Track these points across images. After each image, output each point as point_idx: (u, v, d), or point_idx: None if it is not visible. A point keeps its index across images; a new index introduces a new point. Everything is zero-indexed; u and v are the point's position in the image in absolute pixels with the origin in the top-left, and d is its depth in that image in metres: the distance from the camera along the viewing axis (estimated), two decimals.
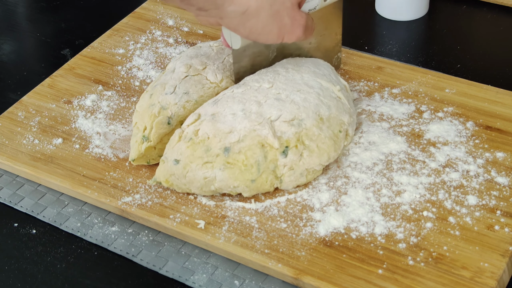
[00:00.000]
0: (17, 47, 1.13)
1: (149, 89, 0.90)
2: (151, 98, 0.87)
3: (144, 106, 0.87)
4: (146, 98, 0.88)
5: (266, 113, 0.82)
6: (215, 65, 0.89)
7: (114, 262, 0.80)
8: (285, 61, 0.90)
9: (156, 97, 0.87)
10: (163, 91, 0.87)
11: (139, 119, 0.86)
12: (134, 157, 0.85)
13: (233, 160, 0.80)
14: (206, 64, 0.89)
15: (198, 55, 0.90)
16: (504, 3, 1.12)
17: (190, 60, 0.90)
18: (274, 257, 0.76)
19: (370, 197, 0.81)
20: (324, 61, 0.93)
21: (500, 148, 0.86)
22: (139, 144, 0.85)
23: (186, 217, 0.81)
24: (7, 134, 0.93)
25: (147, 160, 0.86)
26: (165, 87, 0.87)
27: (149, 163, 0.86)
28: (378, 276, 0.73)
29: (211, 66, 0.89)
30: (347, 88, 0.90)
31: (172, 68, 0.90)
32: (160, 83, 0.88)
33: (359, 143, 0.88)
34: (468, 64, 1.03)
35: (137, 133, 0.86)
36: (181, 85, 0.87)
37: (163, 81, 0.88)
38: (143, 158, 0.86)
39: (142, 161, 0.86)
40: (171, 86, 0.87)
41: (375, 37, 1.10)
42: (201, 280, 0.77)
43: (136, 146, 0.85)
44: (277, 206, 0.81)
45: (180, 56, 0.92)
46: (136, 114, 0.87)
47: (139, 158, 0.85)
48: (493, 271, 0.73)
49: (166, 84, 0.88)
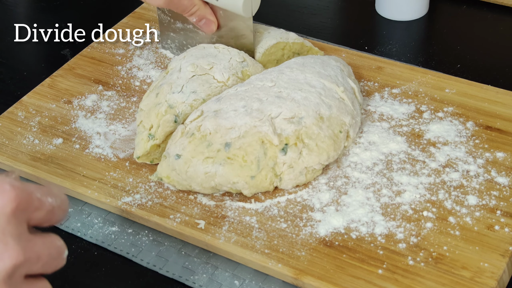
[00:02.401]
0: (17, 47, 1.13)
1: (152, 88, 0.90)
2: (157, 97, 0.87)
3: (149, 105, 0.87)
4: (152, 97, 0.88)
5: (266, 110, 0.83)
6: (222, 64, 0.90)
7: (114, 262, 0.80)
8: (293, 61, 0.91)
9: (162, 96, 0.87)
10: (170, 90, 0.87)
11: (145, 117, 0.87)
12: (139, 154, 0.85)
13: (233, 156, 0.80)
14: (213, 64, 0.90)
15: (204, 55, 0.91)
16: (504, 3, 1.12)
17: (196, 60, 0.90)
18: (274, 257, 0.76)
19: (370, 197, 0.81)
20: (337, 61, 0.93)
21: (500, 148, 0.86)
22: (145, 142, 0.85)
23: (186, 217, 0.81)
24: (7, 134, 0.93)
25: (151, 159, 0.86)
26: (172, 86, 0.88)
27: (152, 162, 0.87)
28: (378, 276, 0.73)
29: (218, 65, 0.90)
30: (355, 91, 0.90)
31: (178, 68, 0.90)
32: (167, 83, 0.89)
33: (359, 143, 0.88)
34: (468, 64, 1.03)
35: (143, 131, 0.86)
36: (188, 85, 0.88)
37: (169, 80, 0.89)
38: (148, 156, 0.86)
39: (146, 159, 0.86)
40: (178, 85, 0.88)
41: (375, 37, 1.10)
42: (201, 280, 0.77)
43: (142, 144, 0.85)
44: (277, 206, 0.81)
45: (184, 55, 0.92)
46: (141, 113, 0.88)
47: (143, 156, 0.86)
48: (493, 271, 0.73)
49: (173, 83, 0.88)
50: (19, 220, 0.52)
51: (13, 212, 0.51)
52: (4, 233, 0.51)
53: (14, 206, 0.51)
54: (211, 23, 0.94)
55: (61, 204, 0.56)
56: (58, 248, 0.55)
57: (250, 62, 0.92)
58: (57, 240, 0.55)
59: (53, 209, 0.55)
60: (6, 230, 0.51)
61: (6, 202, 0.51)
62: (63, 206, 0.56)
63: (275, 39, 0.95)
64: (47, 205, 0.54)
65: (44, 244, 0.54)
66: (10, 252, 0.51)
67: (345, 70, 0.92)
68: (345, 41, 1.07)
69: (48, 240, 0.54)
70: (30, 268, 0.53)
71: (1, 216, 0.51)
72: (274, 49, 0.95)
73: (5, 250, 0.51)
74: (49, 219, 0.55)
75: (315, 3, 1.17)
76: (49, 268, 0.55)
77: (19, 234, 0.52)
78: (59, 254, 0.55)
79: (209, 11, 0.94)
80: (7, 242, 0.51)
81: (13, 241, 0.51)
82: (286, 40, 0.96)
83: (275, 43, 0.95)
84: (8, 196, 0.51)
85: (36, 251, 0.53)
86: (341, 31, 1.13)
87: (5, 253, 0.51)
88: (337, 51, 1.01)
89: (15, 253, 0.51)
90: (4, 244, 0.51)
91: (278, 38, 0.95)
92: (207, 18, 0.94)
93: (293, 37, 0.96)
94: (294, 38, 0.96)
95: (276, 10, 1.16)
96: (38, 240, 0.53)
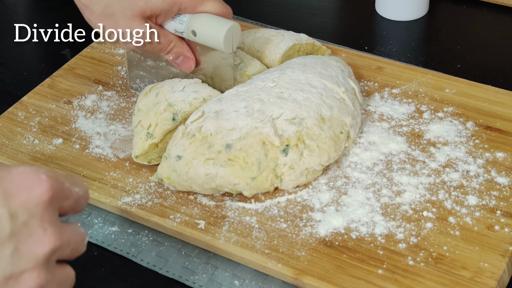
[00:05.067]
0: (17, 47, 1.13)
1: (150, 88, 0.90)
2: (157, 97, 0.87)
3: (149, 105, 0.87)
4: (151, 97, 0.88)
5: (268, 111, 0.83)
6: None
7: (114, 262, 0.80)
8: (294, 61, 0.91)
9: (163, 96, 0.87)
10: (171, 90, 0.87)
11: (143, 117, 0.87)
12: (137, 153, 0.85)
13: (234, 157, 0.80)
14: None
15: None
16: (504, 3, 1.12)
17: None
18: (274, 257, 0.76)
19: (370, 197, 0.81)
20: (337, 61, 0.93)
21: (500, 148, 0.86)
22: (143, 141, 0.85)
23: (186, 217, 0.81)
24: (7, 134, 0.93)
25: (149, 159, 0.86)
26: (174, 87, 0.88)
27: (149, 163, 0.86)
28: (378, 276, 0.73)
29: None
30: (355, 92, 0.90)
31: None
32: (168, 83, 0.89)
33: (359, 143, 0.88)
34: (468, 64, 1.03)
35: (141, 130, 0.86)
36: (191, 85, 0.88)
37: (172, 82, 0.89)
38: (146, 156, 0.86)
39: (144, 160, 0.86)
40: (180, 86, 0.88)
41: (375, 37, 1.10)
42: (201, 280, 0.77)
43: (140, 143, 0.85)
44: (277, 206, 0.81)
45: None
46: (140, 113, 0.88)
47: (141, 155, 0.86)
48: (493, 271, 0.73)
49: (175, 84, 0.88)
50: (53, 207, 0.56)
51: (50, 200, 0.55)
52: (43, 220, 0.55)
53: (50, 194, 0.55)
54: (189, 60, 0.89)
55: (84, 193, 0.59)
56: (82, 235, 0.59)
57: (247, 62, 0.92)
58: (80, 228, 0.59)
59: (78, 198, 0.59)
60: (44, 217, 0.55)
61: (44, 191, 0.55)
62: (86, 196, 0.60)
63: (291, 41, 0.95)
64: (74, 194, 0.58)
65: (72, 231, 0.58)
66: (49, 237, 0.55)
67: (346, 70, 0.92)
68: (345, 41, 1.07)
69: (74, 227, 0.58)
70: (62, 253, 0.57)
71: (40, 204, 0.55)
72: (291, 51, 0.95)
73: (45, 236, 0.55)
74: (75, 207, 0.59)
75: (315, 3, 1.17)
76: (75, 253, 0.58)
77: (54, 220, 0.56)
78: (82, 240, 0.59)
79: (186, 48, 0.89)
80: (46, 228, 0.55)
81: (51, 227, 0.55)
82: (300, 41, 0.96)
83: (292, 45, 0.95)
84: (46, 186, 0.55)
85: (67, 237, 0.57)
86: (341, 31, 1.13)
87: (44, 238, 0.55)
88: (337, 51, 1.01)
89: (53, 238, 0.55)
90: (44, 230, 0.55)
91: (293, 40, 0.95)
92: (185, 55, 0.89)
93: (305, 38, 0.97)
94: (306, 39, 0.97)
95: (276, 10, 1.16)
96: (67, 227, 0.57)
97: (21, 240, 0.54)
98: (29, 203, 0.54)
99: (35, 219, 0.54)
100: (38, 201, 0.55)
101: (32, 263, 0.54)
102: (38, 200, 0.54)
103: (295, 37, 0.96)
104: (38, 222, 0.55)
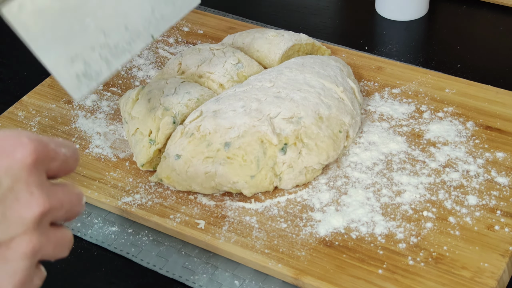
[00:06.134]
0: (17, 47, 1.13)
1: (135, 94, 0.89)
2: (150, 103, 0.87)
3: (143, 111, 0.86)
4: (143, 103, 0.87)
5: (265, 110, 0.83)
6: (216, 73, 0.90)
7: (114, 262, 0.80)
8: (292, 61, 0.91)
9: (156, 101, 0.86)
10: (162, 94, 0.87)
11: (141, 125, 0.86)
12: (143, 162, 0.85)
13: (233, 155, 0.80)
14: (208, 74, 0.90)
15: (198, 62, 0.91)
16: (504, 3, 1.12)
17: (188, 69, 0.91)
18: (274, 257, 0.76)
19: (370, 197, 0.81)
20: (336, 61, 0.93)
21: (500, 148, 0.86)
22: (147, 149, 0.85)
23: (186, 217, 0.81)
24: None
25: (154, 165, 0.86)
26: (164, 91, 0.87)
27: (154, 168, 0.86)
28: (378, 276, 0.73)
29: (212, 75, 0.90)
30: (355, 91, 0.90)
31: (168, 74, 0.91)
32: (157, 88, 0.88)
33: (359, 143, 0.88)
34: (468, 64, 1.03)
35: (142, 138, 0.85)
36: (181, 86, 0.88)
37: (160, 86, 0.88)
38: (151, 163, 0.85)
39: (149, 167, 0.85)
40: (170, 88, 0.87)
41: (375, 37, 1.10)
42: (201, 280, 0.77)
43: (145, 151, 0.85)
44: (277, 206, 0.81)
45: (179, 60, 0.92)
46: (135, 121, 0.86)
47: (147, 163, 0.85)
48: (493, 271, 0.73)
49: (164, 88, 0.88)
50: (39, 170, 0.55)
51: (33, 163, 0.54)
52: (28, 184, 0.54)
53: (34, 157, 0.54)
54: None
55: (73, 153, 0.58)
56: (77, 195, 0.57)
57: (245, 63, 0.92)
58: (75, 188, 0.58)
59: (66, 159, 0.57)
60: (29, 181, 0.54)
61: (26, 154, 0.54)
62: (74, 156, 0.58)
63: (291, 41, 0.95)
64: (61, 155, 0.57)
65: (64, 191, 0.56)
66: (36, 201, 0.54)
67: (345, 70, 0.92)
68: (345, 41, 1.07)
69: (67, 188, 0.57)
70: (55, 215, 0.56)
71: (23, 168, 0.53)
72: (291, 51, 0.95)
73: (32, 199, 0.54)
74: (63, 169, 0.57)
75: (315, 3, 1.17)
76: (72, 214, 0.57)
77: (41, 183, 0.54)
78: (78, 200, 0.58)
79: None
80: (33, 192, 0.54)
81: (38, 190, 0.54)
82: (299, 41, 0.96)
83: (292, 45, 0.95)
84: (28, 149, 0.54)
85: (59, 198, 0.55)
86: (341, 31, 1.13)
87: (32, 201, 0.54)
88: (337, 51, 1.01)
89: (41, 200, 0.54)
90: (30, 194, 0.54)
91: (293, 40, 0.95)
92: None
93: (305, 38, 0.97)
94: (305, 39, 0.97)
95: (276, 10, 1.16)
96: (59, 189, 0.56)
97: (7, 206, 0.53)
98: (12, 167, 0.53)
99: (20, 184, 0.53)
100: (21, 165, 0.53)
101: (22, 228, 0.53)
102: (21, 164, 0.53)
103: (295, 37, 0.96)
104: (23, 186, 0.53)
